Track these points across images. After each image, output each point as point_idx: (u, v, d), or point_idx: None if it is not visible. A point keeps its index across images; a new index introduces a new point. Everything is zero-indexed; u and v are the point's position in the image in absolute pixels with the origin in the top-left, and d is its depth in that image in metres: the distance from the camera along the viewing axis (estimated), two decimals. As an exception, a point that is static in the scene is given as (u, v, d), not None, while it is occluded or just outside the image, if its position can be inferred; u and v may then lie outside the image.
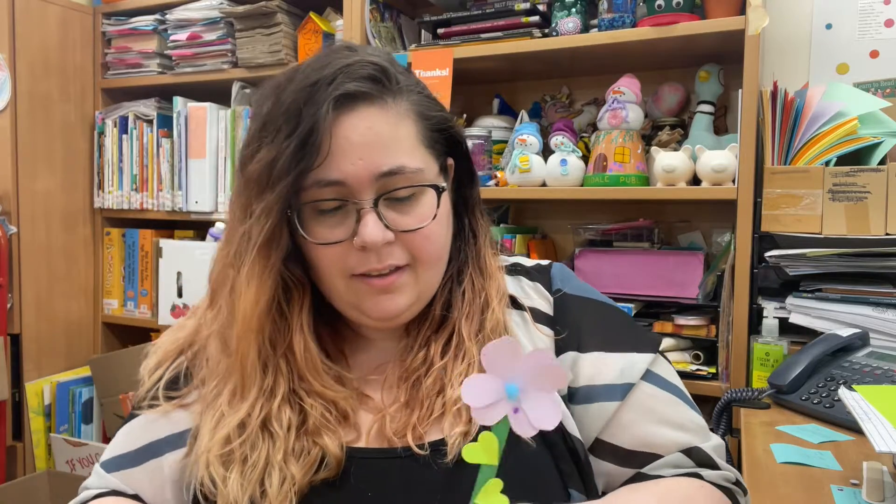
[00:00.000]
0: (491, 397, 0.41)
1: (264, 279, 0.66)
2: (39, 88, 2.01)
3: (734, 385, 1.37)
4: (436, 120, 0.72)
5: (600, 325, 0.76)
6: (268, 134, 0.66)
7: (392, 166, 0.66)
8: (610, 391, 0.71)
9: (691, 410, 0.73)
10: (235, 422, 0.66)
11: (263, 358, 0.68)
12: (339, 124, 0.65)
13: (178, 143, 2.03)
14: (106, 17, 2.15)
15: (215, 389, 0.69)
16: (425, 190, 0.69)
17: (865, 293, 1.28)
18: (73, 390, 2.09)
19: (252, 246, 0.66)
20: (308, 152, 0.64)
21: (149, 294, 2.13)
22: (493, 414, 0.42)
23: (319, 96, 0.65)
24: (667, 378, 0.74)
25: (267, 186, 0.65)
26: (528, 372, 0.42)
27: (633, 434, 0.70)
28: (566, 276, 0.80)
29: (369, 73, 0.67)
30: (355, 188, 0.66)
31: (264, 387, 0.67)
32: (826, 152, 1.32)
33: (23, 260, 1.97)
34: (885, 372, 1.08)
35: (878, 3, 1.53)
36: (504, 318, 0.72)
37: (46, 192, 2.04)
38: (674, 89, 1.63)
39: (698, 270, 1.49)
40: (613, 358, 0.73)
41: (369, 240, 0.65)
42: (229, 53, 1.93)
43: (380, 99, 0.67)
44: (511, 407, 0.41)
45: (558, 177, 1.56)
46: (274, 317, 0.68)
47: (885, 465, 0.82)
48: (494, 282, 0.74)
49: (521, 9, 1.58)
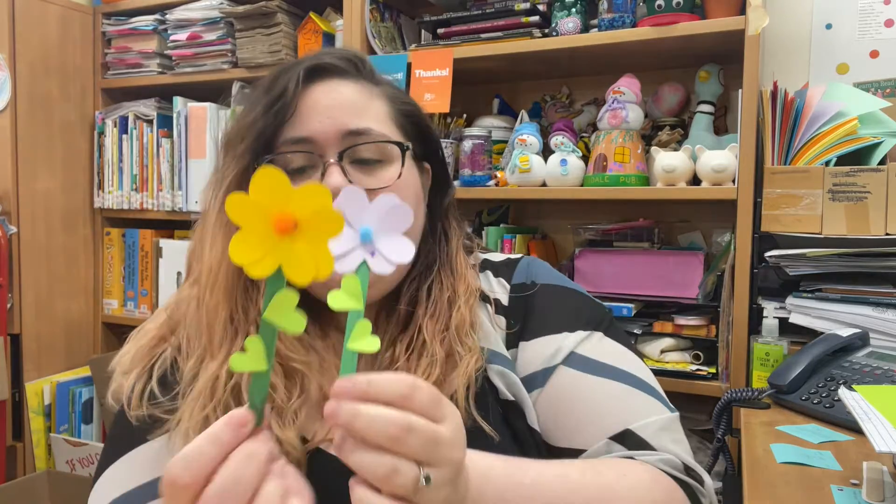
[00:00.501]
0: (347, 245, 0.43)
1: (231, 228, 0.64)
2: (39, 88, 2.01)
3: (734, 385, 1.37)
4: (408, 108, 0.75)
5: (546, 308, 0.75)
6: (246, 108, 0.70)
7: (359, 126, 0.68)
8: (533, 379, 0.70)
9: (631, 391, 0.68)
10: (205, 386, 0.63)
11: (235, 324, 0.66)
12: (309, 90, 0.69)
13: (178, 143, 2.03)
14: (106, 17, 2.15)
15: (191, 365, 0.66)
16: (392, 158, 0.70)
17: (865, 293, 1.28)
18: (73, 390, 2.09)
19: (221, 194, 0.68)
20: (277, 111, 0.67)
21: (149, 294, 2.13)
22: (352, 260, 0.44)
23: (294, 69, 0.69)
24: (596, 358, 0.70)
25: (238, 142, 0.68)
26: (378, 215, 0.44)
27: (555, 426, 0.68)
28: (533, 268, 0.80)
29: (344, 55, 0.72)
30: (322, 145, 0.67)
31: (232, 350, 0.64)
32: (826, 152, 1.32)
33: (23, 260, 1.97)
34: (885, 372, 1.08)
35: (878, 3, 1.53)
36: (470, 315, 0.71)
37: (46, 192, 2.04)
38: (674, 89, 1.63)
39: (698, 270, 1.49)
40: (541, 342, 0.72)
41: (330, 186, 0.64)
42: (229, 53, 1.93)
43: (352, 76, 0.72)
44: (368, 250, 0.44)
45: (558, 177, 1.56)
46: (246, 284, 0.67)
47: (885, 465, 0.82)
48: (463, 280, 0.74)
49: (521, 9, 1.58)
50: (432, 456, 0.44)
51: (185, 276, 0.75)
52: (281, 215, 0.37)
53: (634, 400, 0.68)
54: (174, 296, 0.76)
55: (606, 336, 0.73)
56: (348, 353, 0.43)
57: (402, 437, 0.43)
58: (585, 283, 1.56)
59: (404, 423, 0.43)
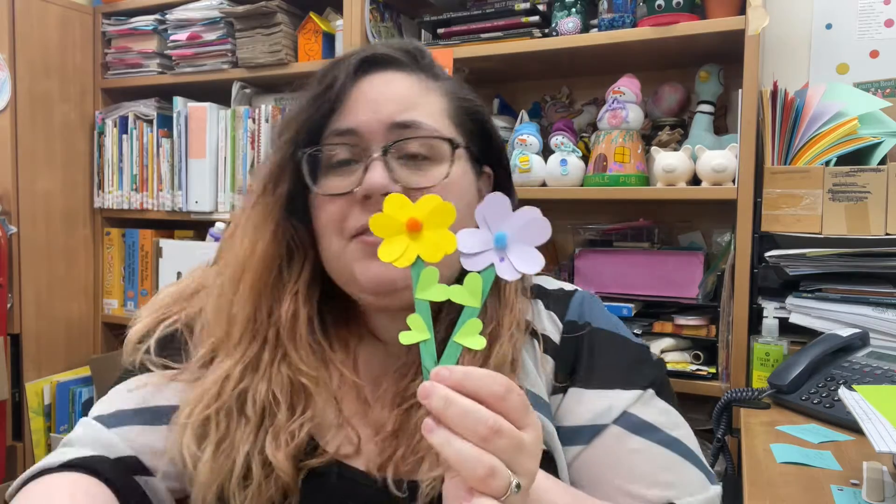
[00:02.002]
0: (480, 246, 0.47)
1: (266, 220, 0.65)
2: (39, 88, 2.01)
3: (734, 385, 1.37)
4: (470, 105, 0.70)
5: (600, 357, 0.69)
6: (296, 101, 0.68)
7: (407, 119, 0.64)
8: (577, 434, 0.65)
9: (678, 459, 0.64)
10: (213, 384, 0.62)
11: (255, 323, 0.64)
12: (362, 81, 0.66)
13: (178, 143, 2.03)
14: (106, 17, 2.15)
15: (202, 358, 0.66)
16: (443, 156, 0.65)
17: (865, 293, 1.28)
18: (73, 390, 2.09)
19: (259, 183, 0.66)
20: (323, 101, 0.64)
21: (149, 294, 2.13)
22: (481, 260, 0.47)
23: (347, 60, 0.67)
24: (648, 420, 0.65)
25: (283, 132, 0.66)
26: (516, 224, 0.47)
27: (593, 485, 0.63)
28: (586, 306, 0.73)
29: (402, 46, 0.68)
30: (367, 138, 0.64)
31: (250, 352, 0.64)
32: (826, 152, 1.32)
33: (23, 260, 1.97)
34: (885, 372, 1.08)
35: (878, 3, 1.53)
36: (513, 353, 0.65)
37: (46, 192, 2.04)
38: (674, 89, 1.63)
39: (698, 270, 1.49)
40: (592, 395, 0.66)
41: (371, 183, 0.61)
42: (229, 53, 1.93)
43: (409, 68, 0.67)
44: (498, 256, 0.47)
45: (558, 177, 1.56)
46: (273, 280, 0.65)
47: (885, 465, 0.82)
48: (510, 311, 0.67)
49: (521, 9, 1.58)
50: (513, 462, 0.43)
51: (216, 260, 0.73)
52: (409, 220, 0.47)
53: (681, 471, 0.64)
54: (201, 274, 0.74)
55: (658, 396, 0.68)
56: (453, 345, 0.46)
57: (491, 438, 0.42)
58: (585, 284, 1.56)
59: (495, 424, 0.43)
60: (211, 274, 0.71)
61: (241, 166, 1.95)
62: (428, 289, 0.47)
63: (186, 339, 0.69)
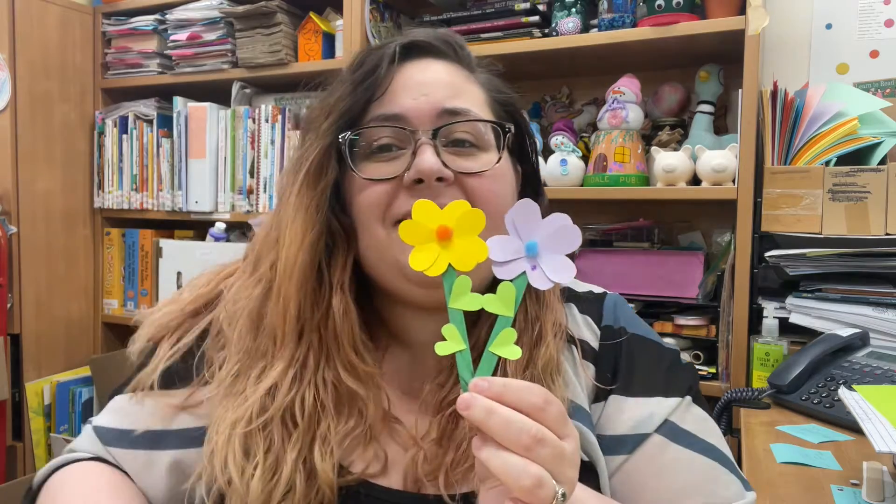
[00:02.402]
0: (512, 254, 0.46)
1: (311, 211, 0.61)
2: (39, 88, 2.01)
3: (734, 385, 1.37)
4: (506, 98, 0.69)
5: (639, 364, 0.68)
6: (332, 88, 0.65)
7: (457, 105, 0.62)
8: (620, 443, 0.64)
9: (717, 466, 0.64)
10: (258, 397, 0.59)
11: (301, 322, 0.61)
12: (404, 67, 0.64)
13: (178, 143, 2.03)
14: (106, 17, 2.15)
15: (237, 368, 0.62)
16: (489, 145, 0.63)
17: (865, 293, 1.28)
18: (73, 390, 2.09)
19: (301, 177, 0.62)
20: (368, 86, 0.62)
21: (149, 294, 2.13)
22: (512, 269, 0.46)
23: (388, 47, 0.64)
24: (688, 429, 0.65)
25: (322, 120, 0.63)
26: (547, 232, 0.46)
27: (636, 495, 0.63)
28: (619, 310, 0.72)
29: (441, 36, 0.67)
30: (415, 123, 0.61)
31: (297, 356, 0.61)
32: (826, 152, 1.32)
33: (23, 260, 1.97)
34: (885, 372, 1.08)
35: (878, 3, 1.53)
36: (558, 355, 0.64)
37: (46, 192, 2.04)
38: (674, 89, 1.63)
39: (698, 270, 1.49)
40: (633, 404, 0.65)
41: (425, 167, 0.58)
42: (229, 53, 1.93)
43: (449, 57, 0.66)
44: (530, 264, 0.46)
45: (558, 177, 1.56)
46: (315, 278, 0.61)
47: (885, 465, 0.82)
48: (551, 313, 0.66)
49: (521, 9, 1.58)
50: (556, 471, 0.43)
51: (246, 261, 0.68)
52: (439, 228, 0.47)
53: (720, 479, 0.63)
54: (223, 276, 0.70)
55: (694, 403, 0.67)
56: (489, 355, 0.45)
57: (534, 447, 0.42)
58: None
59: (539, 433, 0.42)
60: (244, 277, 0.67)
61: (241, 166, 1.95)
62: (461, 298, 0.46)
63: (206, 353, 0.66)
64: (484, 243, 0.46)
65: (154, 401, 0.65)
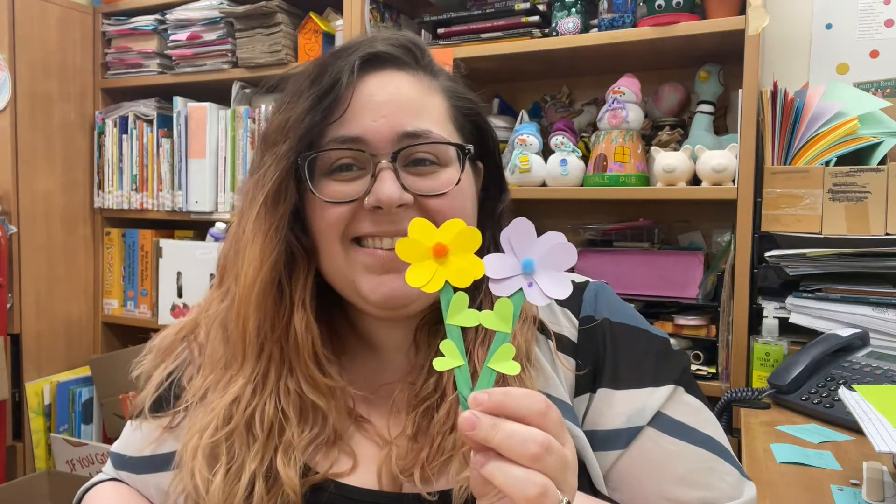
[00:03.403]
0: (508, 271, 0.47)
1: (270, 235, 0.61)
2: (39, 88, 2.01)
3: (734, 385, 1.37)
4: (466, 105, 0.68)
5: (626, 354, 0.66)
6: (289, 99, 0.64)
7: (417, 128, 0.61)
8: (614, 438, 0.63)
9: (713, 458, 0.63)
10: (222, 407, 0.61)
11: (261, 339, 0.62)
12: (364, 82, 0.62)
13: (178, 143, 2.03)
14: (106, 17, 2.15)
15: (209, 380, 0.64)
16: (449, 161, 0.63)
17: (865, 293, 1.28)
18: (73, 390, 2.09)
19: (260, 195, 0.62)
20: (327, 105, 0.61)
21: (149, 294, 2.13)
22: (509, 286, 0.47)
23: (346, 57, 0.62)
24: (682, 420, 0.64)
25: (281, 140, 0.62)
26: (543, 250, 0.47)
27: (633, 490, 0.62)
28: (601, 298, 0.71)
29: (401, 42, 0.65)
30: (375, 146, 0.61)
31: (257, 369, 0.62)
32: (826, 152, 1.32)
33: (23, 260, 1.97)
34: (885, 372, 1.08)
35: (878, 3, 1.53)
36: (526, 345, 0.63)
37: (46, 192, 2.04)
38: (674, 89, 1.63)
39: (698, 270, 1.49)
40: (623, 396, 0.64)
41: (385, 196, 0.59)
42: (229, 53, 1.93)
43: (410, 67, 0.65)
44: (526, 281, 0.47)
45: (558, 177, 1.56)
46: (275, 295, 0.62)
47: (885, 465, 0.82)
48: None
49: (521, 9, 1.58)
50: (560, 479, 0.43)
51: (216, 280, 0.70)
52: (436, 245, 0.47)
53: (718, 470, 0.63)
54: (204, 301, 0.72)
55: (687, 392, 0.66)
56: (487, 371, 0.46)
57: (542, 456, 0.42)
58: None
59: (546, 441, 0.42)
60: (214, 294, 0.69)
61: (241, 166, 1.95)
62: (458, 314, 0.47)
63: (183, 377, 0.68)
64: (480, 261, 0.47)
65: (148, 425, 0.68)
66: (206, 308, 0.70)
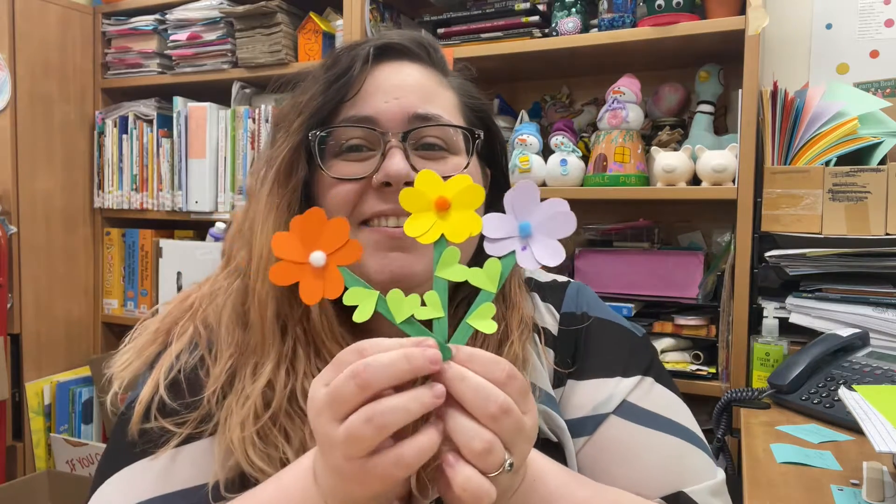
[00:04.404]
0: (504, 232, 0.47)
1: (282, 210, 0.61)
2: (39, 88, 2.01)
3: (734, 385, 1.37)
4: (477, 104, 0.70)
5: (598, 346, 0.69)
6: (304, 86, 0.65)
7: (428, 111, 0.63)
8: (581, 425, 0.64)
9: (683, 444, 0.64)
10: (257, 394, 0.58)
11: (282, 318, 0.60)
12: (378, 68, 0.64)
13: (178, 143, 2.03)
14: (106, 17, 2.15)
15: (231, 364, 0.61)
16: (458, 149, 0.64)
17: (865, 293, 1.28)
18: (73, 390, 2.09)
19: (272, 173, 0.63)
20: (341, 86, 0.62)
21: (149, 294, 2.13)
22: (503, 246, 0.47)
23: (361, 47, 0.65)
24: (650, 408, 0.65)
25: (294, 118, 0.64)
26: (543, 215, 0.47)
27: (600, 478, 0.62)
28: (582, 296, 0.74)
29: (416, 38, 0.67)
30: (386, 126, 0.62)
31: (284, 351, 0.60)
32: (826, 152, 1.32)
33: (23, 260, 1.97)
34: (885, 372, 1.08)
35: (878, 3, 1.53)
36: (523, 352, 0.64)
37: (46, 192, 2.04)
38: (674, 89, 1.63)
39: (698, 270, 1.49)
40: (592, 385, 0.66)
41: (393, 170, 0.60)
42: (229, 53, 1.93)
43: (423, 61, 0.67)
44: (520, 244, 0.47)
45: (558, 177, 1.56)
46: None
47: (885, 465, 0.82)
48: (517, 311, 0.66)
49: (521, 9, 1.58)
50: (513, 443, 0.44)
51: (224, 261, 0.68)
52: (438, 198, 0.47)
53: (688, 458, 0.63)
54: (206, 285, 0.69)
55: (657, 382, 0.67)
56: (465, 326, 0.46)
57: (499, 417, 0.43)
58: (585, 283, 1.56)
59: (505, 404, 0.43)
60: (222, 277, 0.67)
61: (241, 166, 1.95)
62: (448, 268, 0.47)
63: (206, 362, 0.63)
64: (479, 218, 0.47)
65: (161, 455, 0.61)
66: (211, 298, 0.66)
